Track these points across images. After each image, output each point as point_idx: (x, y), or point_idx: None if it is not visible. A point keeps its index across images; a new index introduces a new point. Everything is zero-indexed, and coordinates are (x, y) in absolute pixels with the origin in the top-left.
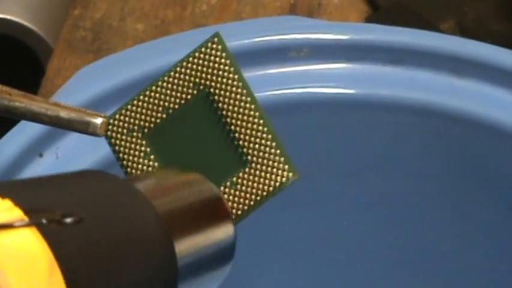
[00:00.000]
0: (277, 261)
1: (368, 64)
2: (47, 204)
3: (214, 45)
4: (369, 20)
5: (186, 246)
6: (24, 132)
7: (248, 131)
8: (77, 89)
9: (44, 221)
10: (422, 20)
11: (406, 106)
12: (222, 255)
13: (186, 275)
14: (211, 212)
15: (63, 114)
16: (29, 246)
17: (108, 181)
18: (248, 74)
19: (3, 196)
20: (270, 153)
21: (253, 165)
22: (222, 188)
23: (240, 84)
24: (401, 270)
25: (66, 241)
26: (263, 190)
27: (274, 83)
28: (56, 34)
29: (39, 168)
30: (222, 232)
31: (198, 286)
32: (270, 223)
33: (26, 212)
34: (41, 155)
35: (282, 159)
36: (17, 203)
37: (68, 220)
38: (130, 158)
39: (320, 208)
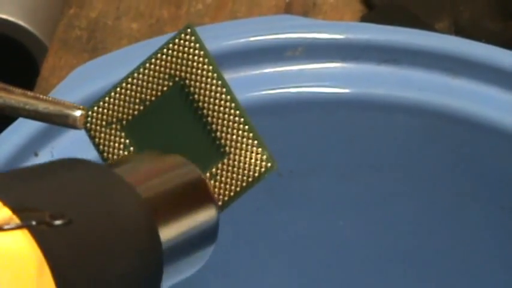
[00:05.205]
0: (274, 261)
1: (363, 63)
2: (34, 202)
3: (188, 37)
4: (364, 19)
5: (170, 230)
6: (20, 131)
7: (225, 122)
8: (72, 88)
9: (34, 222)
10: (417, 20)
11: (401, 105)
12: (206, 236)
13: (171, 258)
14: (194, 194)
15: (42, 107)
16: (18, 248)
17: (91, 170)
18: (243, 74)
19: None
20: (247, 144)
21: (231, 156)
22: None
23: (215, 75)
24: (398, 270)
25: (55, 241)
26: (242, 181)
27: (269, 83)
28: (51, 33)
29: None
30: (205, 214)
31: (182, 267)
32: (266, 223)
33: (15, 211)
34: (36, 154)
35: (260, 149)
36: (5, 202)
37: (58, 222)
38: (111, 150)
39: (316, 208)
